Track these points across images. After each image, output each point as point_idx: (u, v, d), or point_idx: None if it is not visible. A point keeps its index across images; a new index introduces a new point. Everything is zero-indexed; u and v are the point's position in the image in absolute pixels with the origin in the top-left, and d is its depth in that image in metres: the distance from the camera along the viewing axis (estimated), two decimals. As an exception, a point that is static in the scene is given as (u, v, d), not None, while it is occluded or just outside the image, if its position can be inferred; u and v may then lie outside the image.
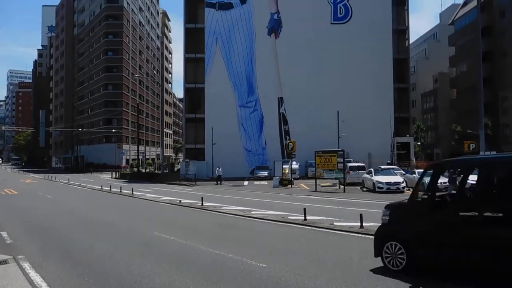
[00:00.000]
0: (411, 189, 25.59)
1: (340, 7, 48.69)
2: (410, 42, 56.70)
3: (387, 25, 47.95)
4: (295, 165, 37.40)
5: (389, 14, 48.24)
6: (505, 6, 52.81)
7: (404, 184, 25.02)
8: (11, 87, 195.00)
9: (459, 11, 65.35)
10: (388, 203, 7.80)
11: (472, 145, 26.21)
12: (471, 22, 57.57)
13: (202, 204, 18.59)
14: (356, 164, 33.12)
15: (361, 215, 11.53)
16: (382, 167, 31.08)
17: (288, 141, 35.67)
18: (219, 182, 36.84)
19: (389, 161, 41.21)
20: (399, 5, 50.63)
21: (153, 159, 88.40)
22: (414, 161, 45.18)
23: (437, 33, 77.19)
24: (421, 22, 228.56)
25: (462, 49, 61.39)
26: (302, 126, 45.32)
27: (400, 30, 50.32)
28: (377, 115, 45.52)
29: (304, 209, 13.57)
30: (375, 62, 46.84)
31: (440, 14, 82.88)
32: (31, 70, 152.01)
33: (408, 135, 49.05)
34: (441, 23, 77.30)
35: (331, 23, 48.50)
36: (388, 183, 24.54)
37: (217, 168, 38.57)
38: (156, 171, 62.79)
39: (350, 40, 47.19)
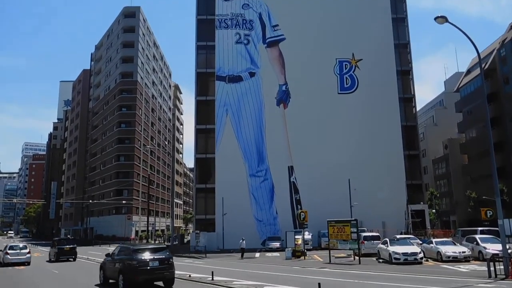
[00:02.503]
0: (429, 260, 24.67)
1: (346, 78, 50.13)
2: (417, 109, 57.51)
3: (394, 94, 49.03)
4: (307, 236, 36.46)
5: (394, 83, 49.53)
6: (508, 73, 53.97)
7: (421, 255, 24.09)
8: (25, 159, 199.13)
9: (463, 78, 66.77)
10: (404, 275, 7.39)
11: (489, 212, 25.45)
12: (476, 89, 58.58)
13: (212, 279, 17.92)
14: (370, 234, 32.12)
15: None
16: (398, 236, 30.23)
17: (300, 211, 35.03)
18: (242, 255, 34.21)
19: (403, 230, 40.14)
20: (404, 75, 52.10)
21: (162, 230, 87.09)
22: (430, 229, 43.90)
23: (443, 100, 78.34)
24: (426, 89, 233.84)
25: (469, 115, 61.91)
26: (313, 194, 44.82)
27: (407, 98, 51.32)
28: (389, 182, 45.22)
29: (319, 284, 12.94)
30: (384, 130, 47.40)
31: (444, 82, 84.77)
32: (45, 143, 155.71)
33: (422, 203, 48.11)
34: (446, 91, 78.78)
35: (338, 93, 49.72)
36: (405, 254, 23.65)
37: (241, 240, 35.40)
38: (166, 243, 61.55)
39: (357, 109, 48.16)
